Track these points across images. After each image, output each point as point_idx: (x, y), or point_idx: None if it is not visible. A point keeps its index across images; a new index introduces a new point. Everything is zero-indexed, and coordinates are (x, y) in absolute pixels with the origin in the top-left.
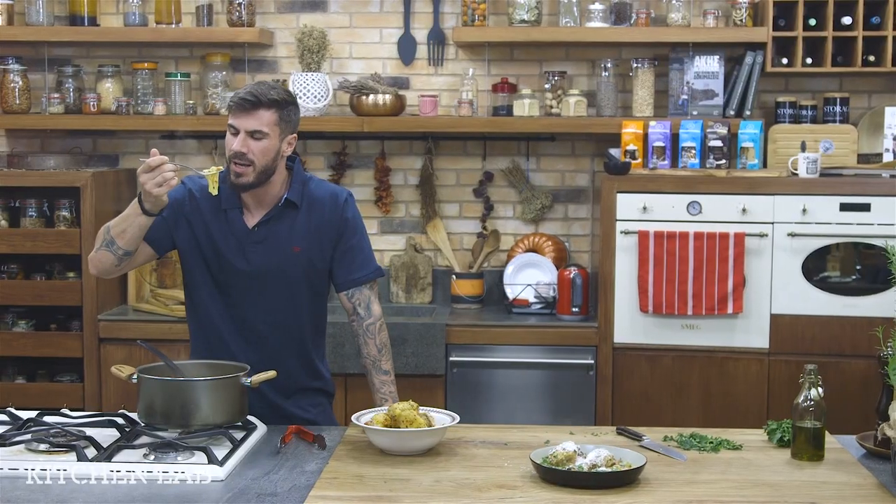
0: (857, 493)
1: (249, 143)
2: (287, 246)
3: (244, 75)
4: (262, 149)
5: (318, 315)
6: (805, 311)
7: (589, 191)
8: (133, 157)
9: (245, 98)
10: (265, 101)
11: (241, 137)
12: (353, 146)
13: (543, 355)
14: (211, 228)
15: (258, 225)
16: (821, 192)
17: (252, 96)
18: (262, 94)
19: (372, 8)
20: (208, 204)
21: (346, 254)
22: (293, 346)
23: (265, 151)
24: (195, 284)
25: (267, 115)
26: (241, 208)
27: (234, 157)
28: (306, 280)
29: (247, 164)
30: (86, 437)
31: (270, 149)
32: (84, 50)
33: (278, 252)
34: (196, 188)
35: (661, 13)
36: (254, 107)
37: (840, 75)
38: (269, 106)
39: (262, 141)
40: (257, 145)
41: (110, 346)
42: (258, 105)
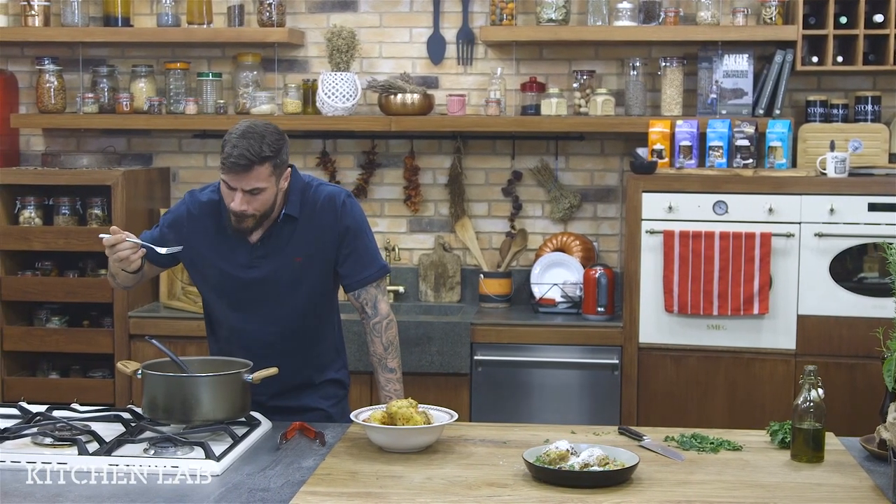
0: (850, 495)
1: (249, 199)
2: (289, 257)
3: (274, 75)
4: (263, 201)
5: (328, 314)
6: (832, 312)
7: (618, 190)
8: (166, 155)
9: (237, 162)
10: (258, 160)
11: (239, 197)
12: (383, 145)
13: (569, 355)
14: (213, 244)
15: (260, 241)
16: (849, 192)
17: (245, 159)
18: (255, 154)
19: (402, 7)
20: (209, 221)
21: (349, 256)
22: (303, 350)
23: (265, 202)
24: (203, 294)
25: (262, 170)
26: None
27: (235, 215)
28: (310, 286)
29: (248, 217)
30: (89, 431)
31: (269, 198)
32: (118, 50)
33: (281, 264)
34: (194, 206)
35: (689, 12)
36: (248, 168)
37: (872, 74)
38: (263, 162)
39: (261, 195)
40: (257, 199)
41: (141, 342)
42: (252, 165)
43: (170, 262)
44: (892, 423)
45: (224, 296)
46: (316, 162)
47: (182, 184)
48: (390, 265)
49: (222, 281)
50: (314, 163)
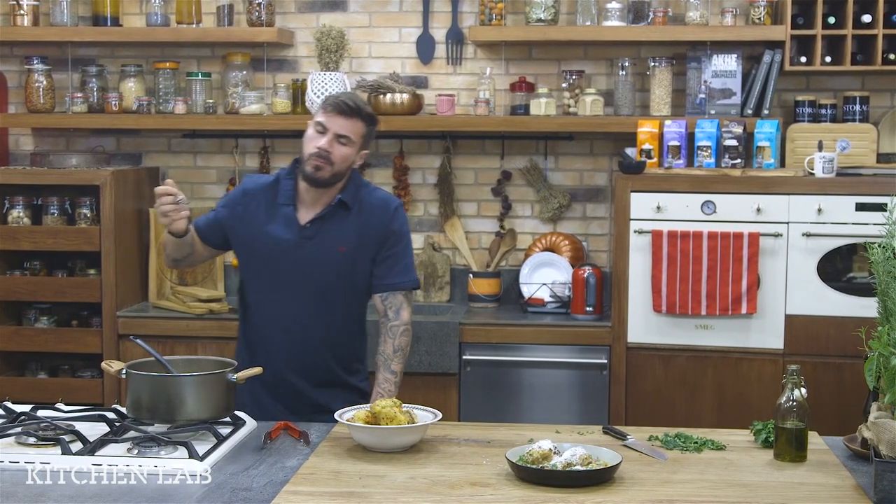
0: (832, 494)
1: (335, 144)
2: (334, 245)
3: (264, 75)
4: (343, 154)
5: (358, 314)
6: (820, 312)
7: (607, 190)
8: (155, 155)
9: (346, 103)
10: (362, 113)
11: (329, 137)
12: (372, 145)
13: (557, 355)
14: (264, 223)
15: (311, 222)
16: (837, 192)
17: (353, 104)
18: (361, 107)
19: (391, 7)
20: (263, 200)
21: (386, 259)
22: (331, 340)
23: (345, 157)
24: (247, 277)
25: (357, 124)
26: (295, 205)
27: (318, 154)
28: (348, 279)
29: (328, 163)
30: (73, 431)
31: (349, 156)
32: (107, 50)
33: (325, 249)
34: (251, 186)
35: (678, 12)
36: (351, 114)
37: (861, 74)
38: (363, 119)
39: (346, 147)
40: (341, 149)
41: (129, 342)
42: (355, 114)
43: (220, 242)
44: (873, 423)
45: (267, 273)
46: None
47: None
48: None
49: (269, 255)
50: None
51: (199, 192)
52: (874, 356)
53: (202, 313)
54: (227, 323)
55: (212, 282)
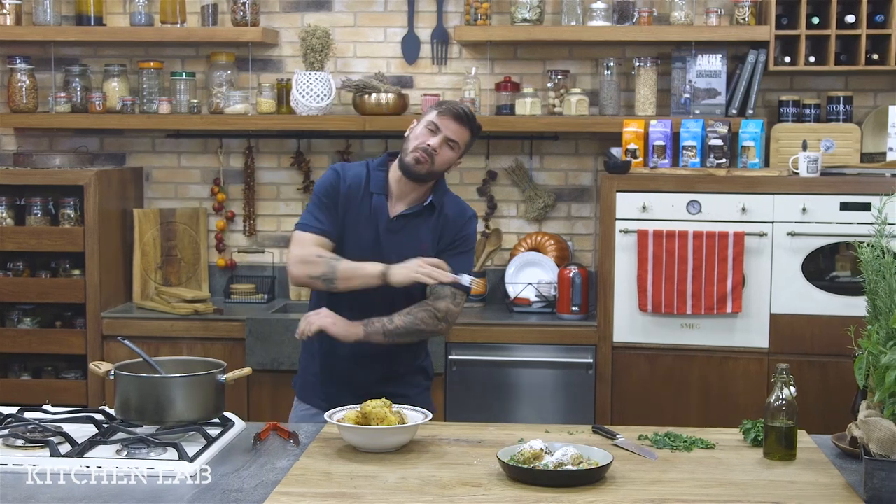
0: (822, 492)
1: (443, 146)
2: (417, 240)
3: (248, 74)
4: (447, 158)
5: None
6: (805, 311)
7: (592, 190)
8: (139, 155)
9: (463, 110)
10: (472, 123)
11: (441, 137)
12: (357, 145)
13: (543, 354)
14: (356, 209)
15: (398, 216)
16: (821, 192)
17: (468, 113)
18: (473, 118)
19: (376, 7)
20: (356, 187)
21: (450, 257)
22: None
23: (447, 160)
24: None
25: (466, 132)
26: (386, 196)
27: (424, 150)
28: None
29: (431, 160)
30: (61, 433)
31: (450, 160)
32: (91, 49)
33: (409, 243)
34: (346, 172)
35: (663, 12)
36: (464, 122)
37: (844, 74)
38: (472, 129)
39: (451, 151)
40: (446, 152)
41: (114, 343)
42: (468, 122)
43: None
44: (863, 421)
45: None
46: (290, 162)
47: (155, 184)
48: None
49: (355, 242)
50: (288, 162)
51: (183, 193)
52: (864, 355)
53: (187, 314)
54: (212, 324)
55: (196, 282)
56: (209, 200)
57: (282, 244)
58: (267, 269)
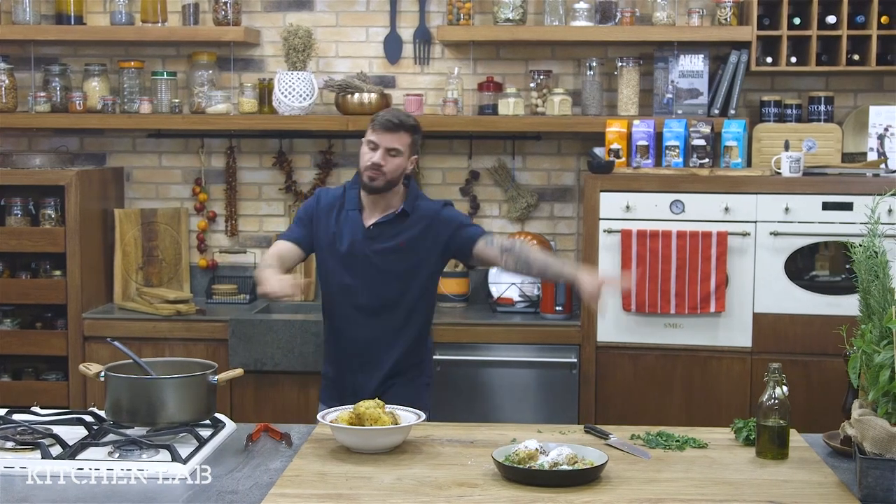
0: (816, 491)
1: (386, 157)
2: (395, 241)
3: (230, 74)
4: (395, 165)
5: (422, 306)
6: (788, 310)
7: (575, 189)
8: (119, 155)
9: (390, 120)
10: (406, 126)
11: (380, 152)
12: (339, 145)
13: (527, 354)
14: (334, 224)
15: (373, 225)
16: (803, 192)
17: (397, 119)
18: (404, 120)
19: (358, 7)
20: (332, 206)
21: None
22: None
23: (398, 167)
24: (322, 275)
25: (403, 137)
26: (360, 210)
27: (371, 168)
28: (410, 271)
29: (381, 174)
30: (52, 434)
31: (400, 165)
32: (71, 49)
33: (386, 245)
34: (324, 196)
35: (646, 12)
36: (396, 129)
37: (825, 74)
38: (408, 130)
39: (396, 158)
40: (392, 161)
41: (95, 344)
42: (400, 128)
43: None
44: (857, 420)
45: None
46: (272, 162)
47: (136, 184)
48: None
49: (341, 254)
50: (270, 162)
51: (164, 193)
52: (858, 354)
53: (169, 314)
54: (194, 324)
55: (177, 283)
56: (190, 200)
57: (264, 244)
58: (248, 269)
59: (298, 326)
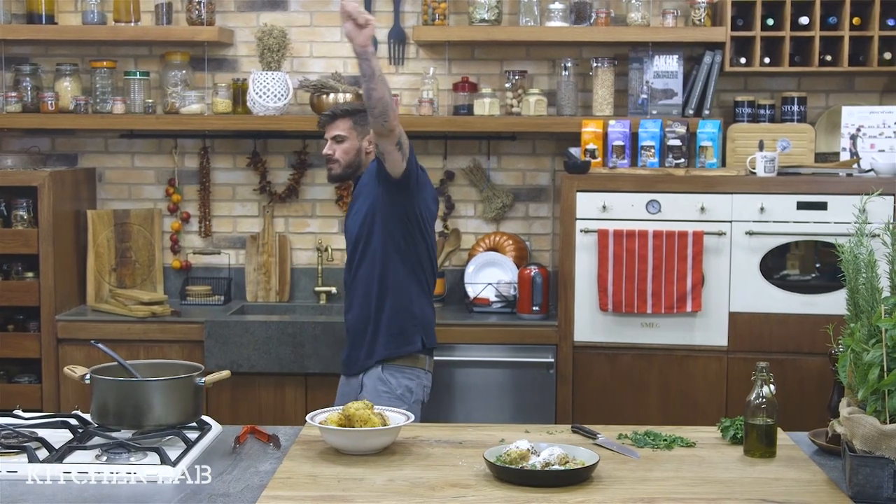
0: (806, 489)
1: (334, 146)
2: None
3: (204, 74)
4: (345, 149)
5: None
6: (763, 309)
7: (550, 190)
8: (91, 156)
9: (324, 114)
10: (339, 113)
11: (328, 143)
12: (314, 145)
13: (504, 354)
14: None
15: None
16: (778, 191)
17: (329, 112)
18: (336, 108)
19: (332, 7)
20: None
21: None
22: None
23: (348, 150)
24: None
25: (343, 122)
26: None
27: (326, 161)
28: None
29: (335, 161)
30: (37, 438)
31: (350, 149)
32: (42, 48)
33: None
34: None
35: (620, 13)
36: (331, 119)
37: (798, 75)
38: (343, 116)
39: (343, 143)
40: (340, 147)
41: (69, 346)
42: (334, 117)
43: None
44: (846, 418)
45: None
46: (246, 162)
47: (108, 184)
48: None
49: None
50: (244, 163)
51: (137, 194)
52: (847, 353)
53: (144, 316)
54: (169, 326)
55: (151, 284)
56: (164, 201)
57: (238, 245)
58: (223, 270)
59: (274, 327)
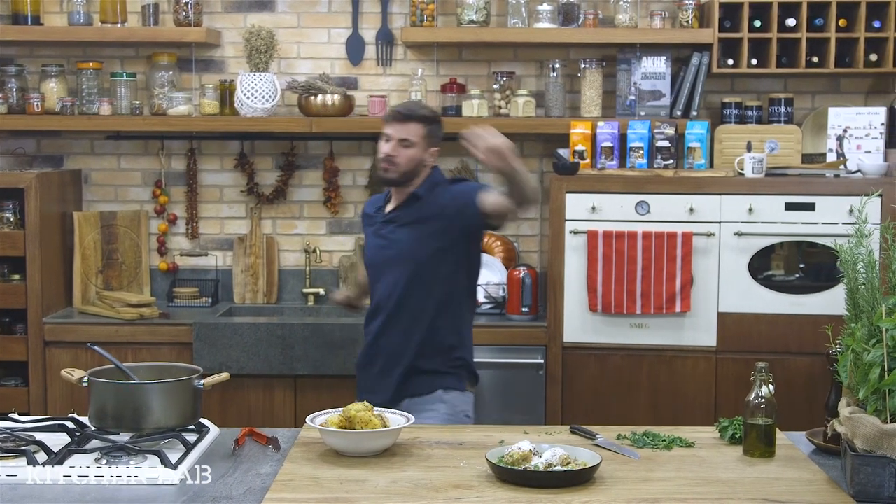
0: (808, 488)
1: (399, 149)
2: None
3: (191, 75)
4: (409, 156)
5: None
6: (752, 310)
7: (538, 191)
8: (77, 157)
9: (400, 111)
10: (415, 116)
11: (392, 143)
12: (302, 146)
13: (493, 355)
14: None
15: (390, 211)
16: (766, 192)
17: (406, 110)
18: (414, 111)
19: (320, 8)
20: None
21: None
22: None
23: (410, 159)
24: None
25: (416, 128)
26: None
27: (384, 159)
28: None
29: (393, 165)
30: (36, 441)
31: (414, 156)
32: (27, 49)
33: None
34: (367, 206)
35: (608, 14)
36: (406, 119)
37: (784, 76)
38: (419, 121)
39: (409, 149)
40: (405, 152)
41: (56, 349)
42: (410, 118)
43: None
44: (847, 418)
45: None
46: (234, 164)
47: (94, 186)
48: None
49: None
50: (232, 164)
51: (124, 195)
52: (848, 353)
53: (132, 318)
54: (157, 328)
55: (137, 286)
56: (150, 203)
57: (225, 247)
58: (210, 272)
59: (263, 329)
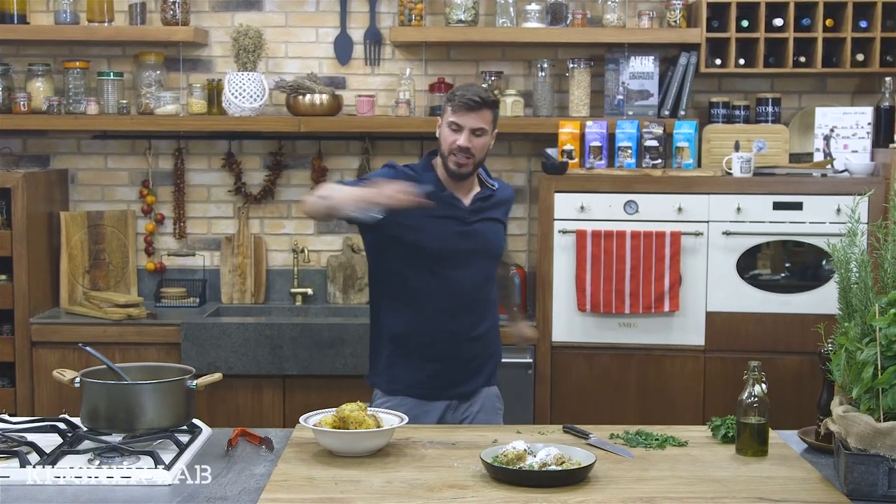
0: (802, 487)
1: (473, 139)
2: (491, 219)
3: (178, 74)
4: (482, 144)
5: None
6: (740, 309)
7: (526, 190)
8: (64, 157)
9: (472, 99)
10: (488, 102)
11: (466, 134)
12: (290, 146)
13: None
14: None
15: (475, 201)
16: (754, 192)
17: (479, 97)
18: (486, 97)
19: (308, 7)
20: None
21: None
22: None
23: (484, 147)
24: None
25: (488, 114)
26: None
27: (460, 151)
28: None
29: (469, 157)
30: (27, 442)
31: (486, 144)
32: (13, 48)
33: (486, 224)
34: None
35: (596, 14)
36: (479, 107)
37: (772, 76)
38: (490, 106)
39: (482, 137)
40: (479, 141)
41: (43, 349)
42: (483, 105)
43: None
44: (841, 416)
45: (437, 253)
46: (221, 163)
47: (81, 186)
48: (298, 267)
49: (439, 236)
50: (219, 164)
51: (110, 195)
52: (841, 352)
53: (120, 319)
54: (145, 328)
55: (125, 286)
56: (137, 203)
57: (213, 247)
58: (198, 272)
59: (252, 330)
